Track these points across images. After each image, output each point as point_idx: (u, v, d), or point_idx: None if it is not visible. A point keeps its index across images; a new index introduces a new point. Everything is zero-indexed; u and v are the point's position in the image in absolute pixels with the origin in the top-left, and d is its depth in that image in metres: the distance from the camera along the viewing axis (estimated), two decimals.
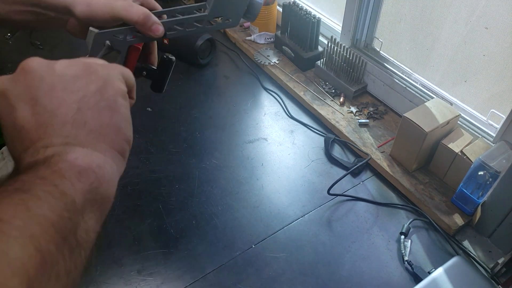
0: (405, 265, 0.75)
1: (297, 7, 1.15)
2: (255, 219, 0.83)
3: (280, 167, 0.94)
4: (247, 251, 0.78)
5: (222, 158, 0.96)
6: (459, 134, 0.85)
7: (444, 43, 0.91)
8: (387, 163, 0.92)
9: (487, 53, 0.83)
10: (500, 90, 0.84)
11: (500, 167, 0.73)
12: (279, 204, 0.86)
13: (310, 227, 0.82)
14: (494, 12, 0.78)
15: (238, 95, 1.15)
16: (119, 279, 0.73)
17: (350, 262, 0.76)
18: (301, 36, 1.18)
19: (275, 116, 1.09)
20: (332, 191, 0.86)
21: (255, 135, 1.02)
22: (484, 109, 0.87)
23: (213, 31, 1.41)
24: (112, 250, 0.78)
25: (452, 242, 0.79)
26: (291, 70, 1.20)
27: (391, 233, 0.81)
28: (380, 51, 1.07)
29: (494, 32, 0.79)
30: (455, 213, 0.82)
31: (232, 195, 0.88)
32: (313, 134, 1.03)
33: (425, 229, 0.82)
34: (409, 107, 0.97)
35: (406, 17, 0.98)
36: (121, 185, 0.89)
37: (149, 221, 0.83)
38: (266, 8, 1.25)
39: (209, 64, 1.26)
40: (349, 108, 1.07)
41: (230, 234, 0.81)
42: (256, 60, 1.25)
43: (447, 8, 0.87)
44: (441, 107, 0.86)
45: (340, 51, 1.08)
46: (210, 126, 1.05)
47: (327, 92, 1.12)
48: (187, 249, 0.78)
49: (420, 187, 0.87)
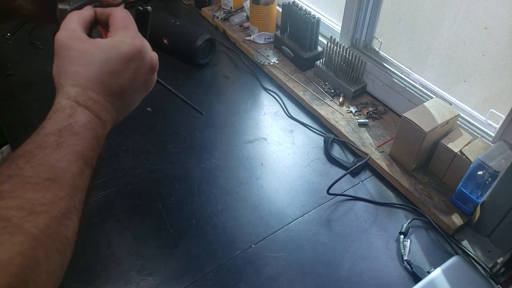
0: (404, 264, 0.75)
1: (297, 7, 1.16)
2: (254, 219, 0.83)
3: (279, 167, 0.94)
4: (247, 250, 0.78)
5: (221, 158, 0.96)
6: (459, 134, 0.86)
7: (443, 43, 0.91)
8: (387, 163, 0.92)
9: (486, 53, 0.83)
10: (499, 90, 0.84)
11: (499, 167, 0.74)
12: (279, 203, 0.87)
13: (309, 227, 0.82)
14: (494, 12, 0.78)
15: (238, 95, 1.15)
16: (119, 279, 0.73)
17: (349, 262, 0.76)
18: (300, 36, 1.18)
19: (274, 116, 1.09)
20: (332, 190, 0.86)
21: (254, 135, 1.03)
22: (484, 109, 0.87)
23: (213, 31, 1.41)
24: (112, 250, 0.78)
25: (451, 241, 0.79)
26: (291, 70, 1.20)
27: (390, 233, 0.81)
28: (380, 51, 1.07)
29: (494, 32, 0.79)
30: (454, 212, 0.82)
31: (231, 194, 0.88)
32: (312, 134, 1.03)
33: (424, 228, 0.82)
34: (408, 107, 0.97)
35: (405, 17, 0.98)
36: (121, 185, 0.90)
37: (149, 221, 0.83)
38: (266, 8, 1.25)
39: (209, 64, 1.26)
40: (349, 108, 1.07)
41: (229, 234, 0.81)
42: (256, 60, 1.25)
43: (446, 8, 0.87)
44: (440, 107, 0.86)
45: (339, 51, 1.09)
46: (210, 126, 1.05)
47: (326, 92, 1.12)
48: (187, 249, 0.78)
49: (420, 187, 0.87)
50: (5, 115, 1.07)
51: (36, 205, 0.30)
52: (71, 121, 0.36)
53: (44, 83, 1.17)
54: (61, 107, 0.36)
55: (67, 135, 0.35)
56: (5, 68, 1.22)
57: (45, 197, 0.31)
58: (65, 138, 0.35)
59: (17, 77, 1.20)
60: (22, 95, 1.13)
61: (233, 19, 1.40)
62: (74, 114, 0.36)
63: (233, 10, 1.44)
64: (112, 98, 0.40)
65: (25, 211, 0.29)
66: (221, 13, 1.44)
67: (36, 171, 0.32)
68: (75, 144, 0.35)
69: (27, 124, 1.04)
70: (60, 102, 0.37)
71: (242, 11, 1.44)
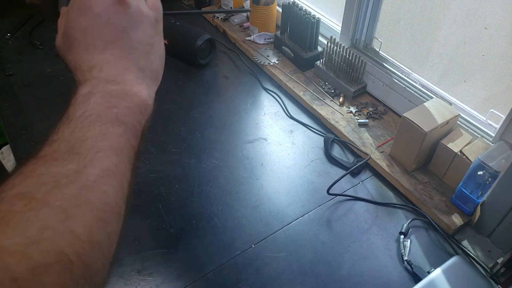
0: (404, 264, 0.75)
1: (297, 7, 1.16)
2: (254, 219, 0.83)
3: (279, 167, 0.94)
4: (247, 250, 0.78)
5: (221, 158, 0.96)
6: (459, 134, 0.86)
7: (443, 43, 0.91)
8: (387, 163, 0.92)
9: (486, 53, 0.83)
10: (499, 90, 0.84)
11: (499, 167, 0.74)
12: (279, 204, 0.86)
13: (309, 227, 0.82)
14: (494, 12, 0.78)
15: (238, 95, 1.15)
16: (119, 279, 0.73)
17: (349, 262, 0.76)
18: (300, 36, 1.18)
19: (274, 116, 1.09)
20: (332, 191, 0.86)
21: (254, 135, 1.03)
22: (484, 109, 0.87)
23: (213, 32, 1.41)
24: None
25: (451, 241, 0.79)
26: (291, 70, 1.20)
27: (390, 233, 0.81)
28: (380, 51, 1.07)
29: (494, 32, 0.79)
30: (454, 212, 0.82)
31: (231, 195, 0.88)
32: (312, 134, 1.03)
33: (424, 228, 0.82)
34: (408, 107, 0.97)
35: (405, 17, 0.98)
36: None
37: (149, 221, 0.83)
38: (266, 8, 1.25)
39: (209, 64, 1.26)
40: (349, 108, 1.07)
41: (229, 234, 0.81)
42: (256, 60, 1.25)
43: (447, 8, 0.87)
44: (441, 107, 0.86)
45: (339, 51, 1.09)
46: (210, 126, 1.05)
47: (326, 92, 1.12)
48: (187, 249, 0.78)
49: (420, 187, 0.87)
50: (5, 115, 1.07)
51: (60, 178, 0.29)
52: (73, 97, 0.36)
53: (44, 83, 1.17)
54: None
55: (72, 108, 0.34)
56: (5, 68, 1.22)
57: (68, 168, 0.30)
58: (72, 110, 0.34)
59: (17, 77, 1.20)
60: (22, 95, 1.13)
61: (233, 19, 1.40)
62: (75, 92, 0.36)
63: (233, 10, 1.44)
64: (104, 52, 0.38)
65: (49, 186, 0.28)
66: (221, 13, 1.44)
67: (54, 147, 0.31)
68: (84, 110, 0.34)
69: (27, 124, 1.04)
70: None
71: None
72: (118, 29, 0.39)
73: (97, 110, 0.34)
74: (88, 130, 0.33)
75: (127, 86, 0.38)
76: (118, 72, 0.38)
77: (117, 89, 0.37)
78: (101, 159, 0.32)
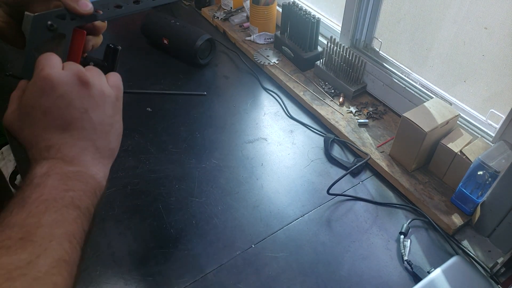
0: (404, 264, 0.75)
1: (297, 7, 1.16)
2: (255, 219, 0.83)
3: (279, 167, 0.94)
4: (247, 250, 0.78)
5: (222, 158, 0.96)
6: (459, 134, 0.86)
7: (443, 43, 0.91)
8: (387, 163, 0.92)
9: (486, 53, 0.83)
10: (499, 90, 0.84)
11: (499, 167, 0.74)
12: (279, 204, 0.86)
13: (309, 227, 0.82)
14: (494, 12, 0.78)
15: (238, 95, 1.15)
16: (119, 279, 0.73)
17: (349, 262, 0.76)
18: (300, 36, 1.18)
19: (274, 116, 1.09)
20: (332, 191, 0.86)
21: (254, 135, 1.03)
22: (484, 109, 0.87)
23: (213, 32, 1.41)
24: (112, 250, 0.78)
25: (451, 241, 0.79)
26: (291, 70, 1.20)
27: (390, 233, 0.81)
28: (380, 51, 1.07)
29: (494, 32, 0.79)
30: (454, 212, 0.82)
31: (232, 195, 0.88)
32: (312, 134, 1.03)
33: (424, 229, 0.82)
34: (408, 107, 0.97)
35: (405, 17, 0.98)
36: (121, 185, 0.90)
37: (149, 221, 0.83)
38: (266, 8, 1.25)
39: (209, 64, 1.26)
40: (349, 108, 1.07)
41: (230, 234, 0.81)
42: (256, 60, 1.25)
43: (446, 8, 0.87)
44: (441, 107, 0.86)
45: (339, 51, 1.09)
46: (210, 126, 1.05)
47: (326, 92, 1.12)
48: (187, 249, 0.78)
49: (420, 187, 0.87)
50: None
51: (12, 269, 0.29)
52: (29, 177, 0.36)
53: None
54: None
55: (28, 191, 0.34)
56: (5, 68, 1.22)
57: (21, 258, 0.30)
58: (28, 193, 0.34)
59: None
60: None
61: (233, 19, 1.40)
62: (30, 170, 0.36)
63: (233, 10, 1.44)
64: (64, 133, 0.39)
65: (2, 278, 0.28)
66: (221, 13, 1.44)
67: (7, 234, 0.31)
68: (40, 194, 0.34)
69: None
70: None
71: (242, 11, 1.44)
72: (80, 111, 0.39)
73: (53, 194, 0.35)
74: (43, 217, 0.33)
75: (84, 167, 0.38)
76: (76, 153, 0.38)
77: (74, 170, 0.37)
78: (54, 248, 0.32)
